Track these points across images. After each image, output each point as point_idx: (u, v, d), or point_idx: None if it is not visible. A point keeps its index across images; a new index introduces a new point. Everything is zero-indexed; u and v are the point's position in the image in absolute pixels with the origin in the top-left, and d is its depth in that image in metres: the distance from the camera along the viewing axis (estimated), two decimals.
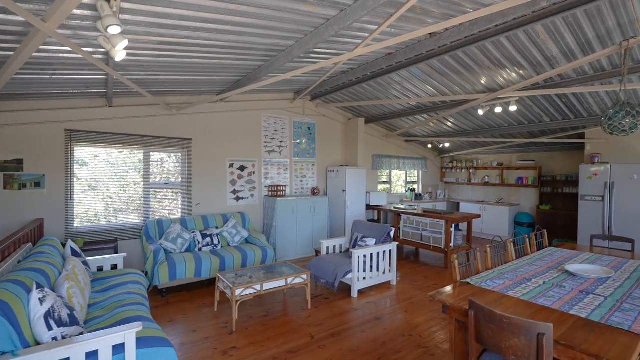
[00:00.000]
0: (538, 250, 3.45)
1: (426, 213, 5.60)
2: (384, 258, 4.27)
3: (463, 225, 6.62)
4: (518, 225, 7.25)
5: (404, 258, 5.82)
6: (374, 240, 4.31)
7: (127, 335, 1.86)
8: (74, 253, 3.10)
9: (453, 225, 5.41)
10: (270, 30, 2.86)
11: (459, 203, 8.45)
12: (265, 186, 5.87)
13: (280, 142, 6.08)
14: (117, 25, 1.67)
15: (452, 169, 9.09)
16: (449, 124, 6.74)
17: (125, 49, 2.78)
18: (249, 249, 4.51)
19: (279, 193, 5.82)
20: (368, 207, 7.05)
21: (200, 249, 4.45)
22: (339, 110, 6.93)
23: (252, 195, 5.70)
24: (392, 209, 6.40)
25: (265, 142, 5.88)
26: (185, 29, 2.61)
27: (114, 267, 3.64)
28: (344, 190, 6.27)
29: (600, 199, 5.23)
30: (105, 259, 3.52)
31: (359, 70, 4.44)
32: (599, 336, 1.54)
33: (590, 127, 5.73)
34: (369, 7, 2.31)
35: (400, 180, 8.73)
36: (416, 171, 8.92)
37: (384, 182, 8.20)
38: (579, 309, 1.82)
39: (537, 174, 7.25)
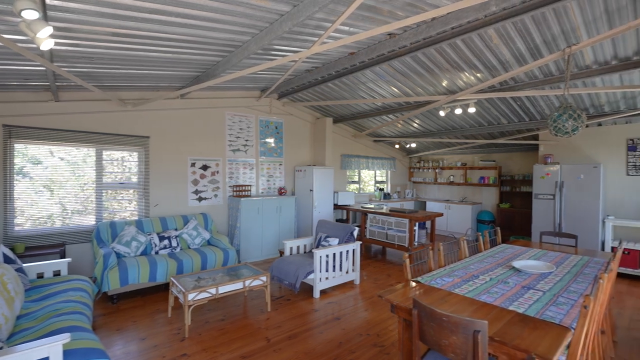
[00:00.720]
0: (492, 247, 3.56)
1: (391, 212, 5.67)
2: (347, 257, 4.26)
3: (429, 224, 6.77)
4: (480, 223, 7.53)
5: (371, 257, 5.86)
6: (337, 240, 4.29)
7: (52, 348, 1.71)
8: (7, 260, 2.84)
9: (417, 223, 5.51)
10: (222, 24, 2.76)
11: (425, 202, 8.66)
12: (230, 186, 5.71)
13: (246, 140, 5.94)
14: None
15: (419, 168, 9.31)
16: (414, 124, 6.87)
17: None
18: (210, 251, 4.35)
19: (243, 193, 5.68)
20: (336, 206, 7.05)
21: (157, 252, 4.24)
22: (307, 109, 6.88)
23: (215, 196, 5.52)
24: (360, 208, 6.43)
25: (230, 141, 5.72)
26: (128, 19, 2.45)
27: (57, 273, 3.38)
28: (311, 190, 6.23)
29: (552, 197, 5.52)
30: (46, 265, 3.25)
31: (323, 69, 4.42)
32: (532, 331, 1.58)
33: (543, 129, 6.04)
34: (320, 3, 2.27)
35: (371, 180, 8.82)
36: (385, 171, 9.04)
37: (354, 182, 8.24)
38: (518, 304, 1.88)
39: (497, 173, 7.57)
